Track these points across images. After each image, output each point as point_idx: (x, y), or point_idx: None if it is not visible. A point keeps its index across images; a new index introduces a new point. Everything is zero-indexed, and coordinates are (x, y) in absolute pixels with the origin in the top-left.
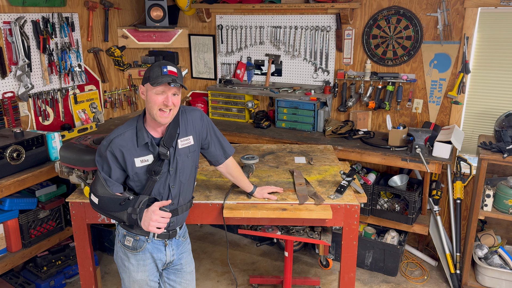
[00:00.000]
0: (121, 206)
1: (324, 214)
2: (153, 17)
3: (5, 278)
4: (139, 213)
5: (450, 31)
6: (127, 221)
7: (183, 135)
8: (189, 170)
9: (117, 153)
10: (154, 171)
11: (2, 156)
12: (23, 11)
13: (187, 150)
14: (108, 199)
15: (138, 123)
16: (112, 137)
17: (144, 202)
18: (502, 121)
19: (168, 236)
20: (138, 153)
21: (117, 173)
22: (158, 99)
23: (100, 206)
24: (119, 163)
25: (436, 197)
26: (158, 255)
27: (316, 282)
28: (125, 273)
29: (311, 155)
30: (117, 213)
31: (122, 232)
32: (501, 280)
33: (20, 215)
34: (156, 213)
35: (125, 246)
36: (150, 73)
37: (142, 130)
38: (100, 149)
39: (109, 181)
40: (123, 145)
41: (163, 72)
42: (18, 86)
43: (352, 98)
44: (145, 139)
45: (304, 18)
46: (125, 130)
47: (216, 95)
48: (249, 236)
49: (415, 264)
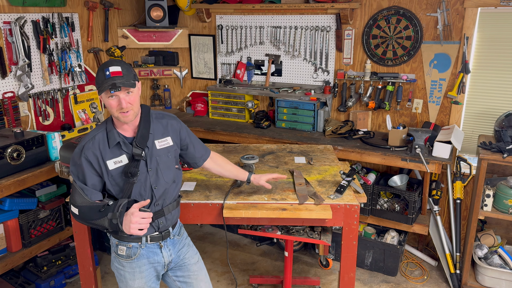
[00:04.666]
0: (101, 212)
1: (324, 214)
2: (153, 17)
3: (5, 278)
4: (119, 217)
5: (450, 31)
6: (109, 227)
7: (159, 137)
8: (172, 170)
9: (91, 158)
10: (131, 172)
11: (2, 156)
12: (23, 11)
13: (166, 150)
14: (87, 208)
15: (107, 125)
16: (84, 142)
17: (124, 206)
18: (502, 121)
19: (161, 238)
20: (110, 155)
21: (92, 179)
22: (113, 103)
23: (81, 216)
24: (94, 169)
25: (436, 197)
26: (154, 258)
27: (316, 282)
28: (122, 282)
29: (311, 155)
30: (98, 221)
31: (115, 242)
32: (501, 280)
33: (20, 215)
34: (135, 214)
35: (119, 255)
36: (96, 78)
37: (112, 131)
38: (73, 158)
39: (86, 189)
40: (96, 148)
41: (106, 75)
42: (18, 86)
43: (352, 98)
44: (117, 138)
45: (304, 18)
46: (95, 133)
47: (216, 95)
48: (249, 236)
49: (415, 264)
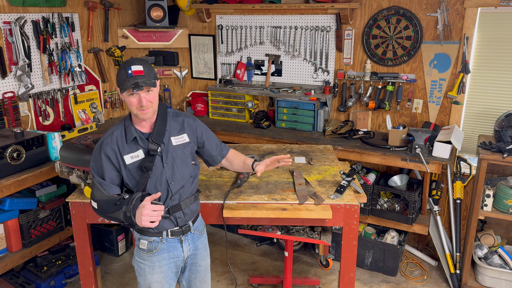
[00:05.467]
0: (117, 206)
1: (324, 214)
2: (153, 17)
3: (5, 278)
4: (132, 209)
5: (450, 31)
6: (124, 219)
7: (175, 134)
8: (189, 166)
9: (110, 154)
10: (145, 167)
11: (2, 156)
12: (23, 11)
13: (182, 146)
14: (105, 201)
15: (125, 121)
16: (103, 139)
17: (137, 199)
18: (502, 121)
19: (182, 232)
20: (127, 150)
21: (111, 174)
22: (133, 101)
23: (99, 210)
24: (113, 164)
25: (436, 197)
26: (175, 253)
27: (316, 282)
28: (141, 276)
29: (311, 155)
30: (114, 214)
31: (137, 236)
32: (501, 280)
33: (20, 215)
34: (147, 207)
35: (140, 249)
36: (118, 76)
37: (129, 127)
38: (94, 154)
39: (104, 184)
40: (114, 144)
41: (128, 74)
42: (18, 86)
43: (352, 98)
44: (133, 134)
45: (304, 18)
46: (114, 130)
47: (216, 95)
48: (249, 236)
49: (415, 264)
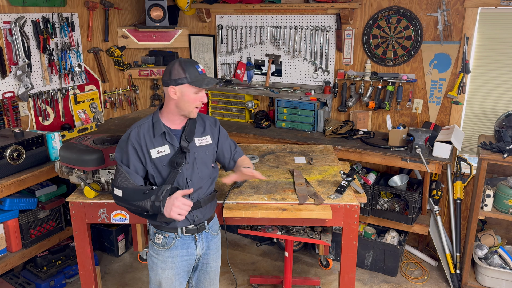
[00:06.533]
0: (145, 195)
1: (324, 214)
2: (153, 17)
3: (5, 278)
4: (162, 200)
5: (450, 31)
6: (150, 209)
7: (199, 135)
8: (208, 167)
9: (136, 146)
10: (176, 162)
11: (2, 156)
12: (23, 11)
13: (204, 148)
14: (131, 190)
15: (154, 116)
16: (130, 131)
17: (167, 190)
18: (502, 121)
19: (196, 230)
20: (154, 144)
21: (136, 165)
22: (196, 98)
23: (124, 197)
24: (138, 157)
25: (436, 197)
26: (188, 250)
27: (316, 282)
28: (153, 271)
29: (311, 155)
30: (140, 202)
31: (153, 231)
32: (501, 280)
33: (20, 215)
34: (179, 199)
35: (155, 243)
36: (187, 73)
37: (158, 122)
38: (120, 145)
39: (131, 174)
40: (141, 137)
41: (199, 72)
42: (18, 86)
43: (352, 98)
44: (162, 128)
45: (304, 18)
46: (141, 123)
47: (216, 95)
48: (249, 236)
49: (415, 264)
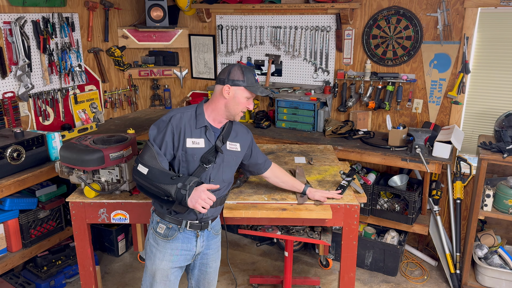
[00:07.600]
0: (172, 180)
1: (324, 214)
2: (153, 17)
3: (5, 278)
4: (189, 189)
5: (450, 31)
6: (174, 194)
7: (232, 140)
8: (231, 172)
9: (175, 130)
10: (208, 159)
11: (2, 156)
12: (23, 11)
13: (233, 153)
14: (158, 171)
15: (198, 108)
16: (172, 114)
17: (195, 182)
18: (502, 121)
19: (200, 227)
20: (192, 134)
21: (167, 149)
22: (246, 104)
23: (148, 176)
24: (173, 140)
25: (436, 197)
26: (188, 245)
27: (316, 282)
28: (150, 260)
29: (311, 155)
30: (166, 186)
31: (156, 219)
32: (501, 280)
33: (20, 215)
34: (205, 192)
35: (157, 232)
36: (245, 77)
37: (202, 115)
38: (158, 124)
39: (160, 155)
40: (182, 123)
41: (256, 80)
42: (18, 86)
43: (352, 98)
44: (205, 122)
45: (304, 18)
46: (184, 111)
47: None
48: (249, 236)
49: (415, 264)
